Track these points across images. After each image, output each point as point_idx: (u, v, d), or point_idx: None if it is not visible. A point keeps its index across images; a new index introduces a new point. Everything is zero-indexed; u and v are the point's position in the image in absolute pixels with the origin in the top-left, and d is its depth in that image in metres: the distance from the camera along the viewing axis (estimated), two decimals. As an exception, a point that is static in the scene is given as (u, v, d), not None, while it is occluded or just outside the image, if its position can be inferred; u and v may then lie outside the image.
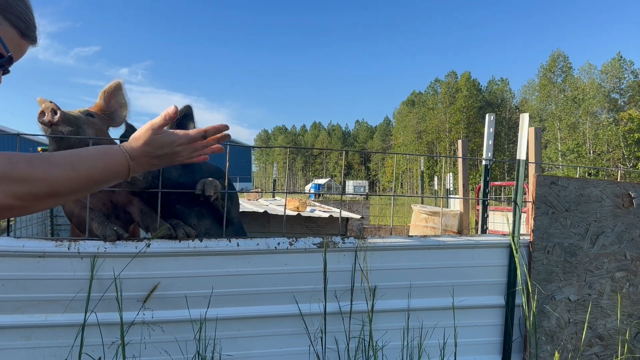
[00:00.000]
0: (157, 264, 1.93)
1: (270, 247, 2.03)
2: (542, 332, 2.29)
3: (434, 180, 12.76)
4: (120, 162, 0.94)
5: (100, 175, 0.92)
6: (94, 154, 0.92)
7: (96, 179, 0.91)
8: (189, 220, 2.32)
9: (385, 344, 2.16)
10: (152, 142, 0.99)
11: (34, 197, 0.83)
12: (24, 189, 0.81)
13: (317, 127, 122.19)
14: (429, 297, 2.21)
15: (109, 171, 0.93)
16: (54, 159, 0.85)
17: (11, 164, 0.79)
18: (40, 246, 1.81)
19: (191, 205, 2.32)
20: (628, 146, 46.94)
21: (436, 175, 14.97)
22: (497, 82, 71.40)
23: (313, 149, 2.99)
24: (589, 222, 2.34)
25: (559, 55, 55.46)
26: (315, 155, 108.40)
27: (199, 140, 1.07)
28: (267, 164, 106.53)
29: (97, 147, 0.94)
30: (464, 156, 5.68)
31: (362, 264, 2.12)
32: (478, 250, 2.26)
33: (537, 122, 52.08)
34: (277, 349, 2.07)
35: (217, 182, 2.23)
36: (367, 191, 52.10)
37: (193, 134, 1.06)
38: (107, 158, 0.93)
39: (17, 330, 1.81)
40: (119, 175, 0.95)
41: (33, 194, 0.82)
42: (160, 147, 1.00)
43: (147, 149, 0.98)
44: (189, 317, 1.95)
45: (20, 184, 0.80)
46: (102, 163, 0.91)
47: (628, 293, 2.42)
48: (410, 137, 72.70)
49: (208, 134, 1.09)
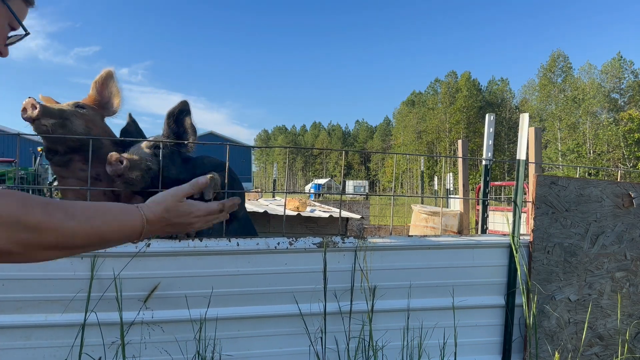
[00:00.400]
0: (157, 264, 1.93)
1: (270, 246, 2.03)
2: (542, 332, 2.29)
3: (434, 180, 12.76)
4: (136, 225, 0.91)
5: (113, 235, 0.88)
6: (112, 212, 0.88)
7: (108, 239, 0.87)
8: None
9: (385, 344, 2.16)
10: (173, 209, 0.97)
11: (39, 247, 0.78)
12: (32, 237, 0.75)
13: (317, 127, 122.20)
14: (429, 297, 2.21)
15: (122, 233, 0.89)
16: (71, 210, 0.81)
17: (26, 208, 0.73)
18: (40, 246, 1.81)
19: None
20: (628, 146, 46.94)
21: (436, 175, 14.97)
22: (497, 82, 71.40)
23: (313, 149, 3.00)
24: (589, 222, 2.34)
25: (559, 55, 55.46)
26: (315, 155, 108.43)
27: (215, 213, 1.05)
28: (267, 164, 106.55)
29: (116, 205, 0.90)
30: (464, 156, 5.68)
31: (362, 264, 2.12)
32: (478, 250, 2.26)
33: (537, 122, 52.08)
34: (277, 349, 2.07)
35: (218, 180, 2.22)
36: (367, 191, 52.10)
37: (212, 208, 1.04)
38: (123, 218, 0.89)
39: (17, 330, 1.81)
40: (131, 237, 0.92)
41: (39, 244, 0.77)
42: (178, 216, 0.98)
43: (166, 215, 0.96)
44: (189, 317, 1.95)
45: (30, 231, 0.74)
46: (118, 223, 0.88)
47: (628, 293, 2.42)
48: (410, 137, 72.70)
49: (225, 207, 1.08)
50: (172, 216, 0.96)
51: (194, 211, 1.00)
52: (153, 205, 0.94)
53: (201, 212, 1.01)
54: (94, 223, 0.83)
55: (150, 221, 0.92)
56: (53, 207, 0.77)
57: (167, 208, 0.95)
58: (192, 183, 1.02)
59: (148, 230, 0.92)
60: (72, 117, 2.14)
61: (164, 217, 0.95)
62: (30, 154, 17.24)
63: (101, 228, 0.84)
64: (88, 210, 0.84)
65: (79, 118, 2.18)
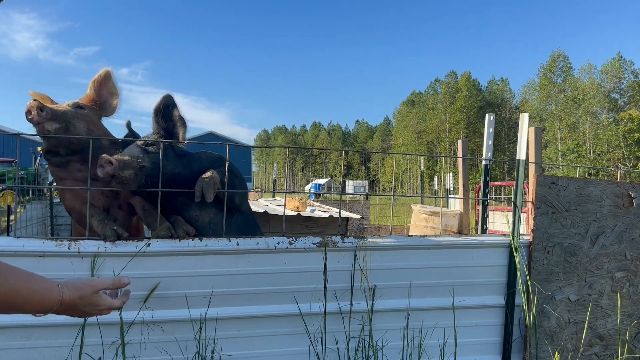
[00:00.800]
0: (157, 264, 1.93)
1: (270, 246, 2.03)
2: (542, 332, 2.29)
3: (434, 180, 12.76)
4: (53, 302, 0.98)
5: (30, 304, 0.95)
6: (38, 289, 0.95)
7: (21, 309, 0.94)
8: (191, 212, 2.29)
9: (385, 344, 2.16)
10: (86, 298, 1.04)
11: None
12: None
13: (317, 127, 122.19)
14: (429, 297, 2.21)
15: (39, 304, 0.96)
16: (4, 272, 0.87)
17: None
18: (41, 246, 1.81)
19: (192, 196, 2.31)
20: (628, 146, 46.92)
21: (436, 175, 14.97)
22: (497, 82, 71.38)
23: (313, 149, 3.00)
24: (589, 222, 2.34)
25: (559, 55, 55.44)
26: (315, 155, 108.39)
27: (116, 308, 1.14)
28: (267, 164, 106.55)
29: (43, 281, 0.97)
30: (464, 156, 5.68)
31: (361, 264, 2.12)
32: (478, 250, 2.26)
33: (537, 122, 52.06)
34: (277, 349, 2.07)
35: (217, 179, 2.21)
36: (367, 191, 52.11)
37: (115, 305, 1.13)
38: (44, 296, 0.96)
39: (17, 329, 1.81)
40: (43, 309, 0.99)
41: None
42: (86, 305, 1.05)
43: (78, 302, 1.03)
44: (189, 316, 1.95)
45: None
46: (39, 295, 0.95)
47: (628, 293, 2.42)
48: (410, 137, 72.67)
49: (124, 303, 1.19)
50: (82, 304, 1.04)
51: (100, 305, 1.09)
52: (73, 289, 1.02)
53: (105, 306, 1.11)
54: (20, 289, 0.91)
55: (64, 302, 1.00)
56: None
57: (82, 296, 1.03)
58: (115, 280, 1.13)
59: (57, 310, 1.00)
60: (73, 119, 2.13)
61: (75, 303, 1.02)
62: (30, 154, 17.25)
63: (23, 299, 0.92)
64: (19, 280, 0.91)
65: (80, 120, 2.17)
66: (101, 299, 1.09)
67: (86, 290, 1.04)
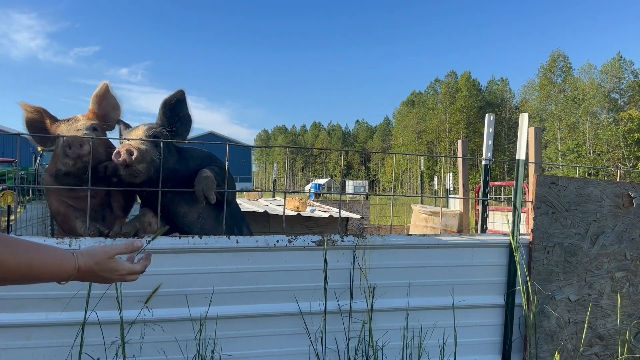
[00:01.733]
0: (156, 261, 1.93)
1: (270, 244, 2.03)
2: (542, 332, 2.29)
3: (434, 180, 12.76)
4: (69, 270, 1.01)
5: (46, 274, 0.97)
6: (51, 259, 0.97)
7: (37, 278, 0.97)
8: (179, 208, 2.30)
9: (385, 343, 2.16)
10: (102, 264, 1.07)
11: None
12: None
13: (317, 127, 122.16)
14: (429, 297, 2.21)
15: (55, 274, 0.99)
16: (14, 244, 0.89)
17: None
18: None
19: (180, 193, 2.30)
20: (628, 146, 46.92)
21: (436, 175, 14.97)
22: (497, 82, 71.35)
23: (313, 149, 3.00)
24: (589, 222, 2.35)
25: (559, 55, 55.43)
26: (315, 155, 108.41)
27: (137, 273, 1.17)
28: (267, 164, 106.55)
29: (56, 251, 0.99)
30: (464, 156, 5.68)
31: (360, 263, 2.12)
32: (478, 249, 2.26)
33: (537, 122, 52.05)
34: (277, 349, 2.07)
35: (212, 178, 2.21)
36: (367, 191, 52.10)
37: (135, 269, 1.16)
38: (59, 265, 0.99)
39: (17, 329, 1.81)
40: (58, 279, 1.01)
41: None
42: (104, 271, 1.08)
43: (95, 268, 1.06)
44: (189, 315, 1.95)
45: None
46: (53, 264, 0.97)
47: (628, 293, 2.42)
48: (410, 137, 72.65)
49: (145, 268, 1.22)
50: (100, 269, 1.07)
51: (120, 270, 1.12)
52: (87, 255, 1.05)
53: (125, 271, 1.13)
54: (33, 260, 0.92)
55: (81, 269, 1.03)
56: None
57: (98, 262, 1.06)
58: (127, 244, 1.16)
59: (76, 277, 1.03)
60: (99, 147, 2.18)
61: (92, 269, 1.05)
62: (30, 154, 17.24)
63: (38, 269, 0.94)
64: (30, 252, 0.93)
65: (100, 145, 2.20)
66: (119, 264, 1.11)
67: (100, 256, 1.07)
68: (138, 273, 1.17)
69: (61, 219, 2.34)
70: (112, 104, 2.41)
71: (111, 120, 2.43)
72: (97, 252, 1.07)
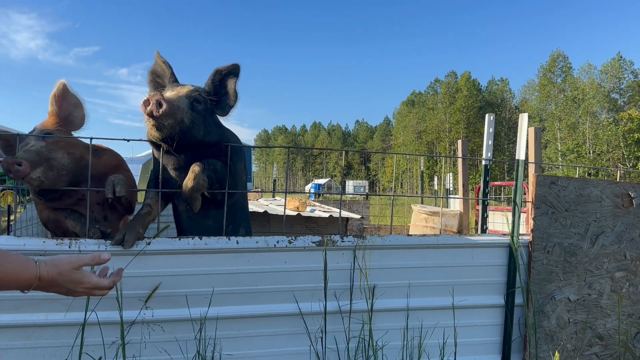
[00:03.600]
0: (156, 262, 1.93)
1: (270, 245, 2.03)
2: (542, 332, 2.29)
3: (434, 180, 12.76)
4: (29, 278, 0.98)
5: (4, 284, 0.95)
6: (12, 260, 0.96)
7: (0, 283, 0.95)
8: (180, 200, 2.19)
9: (385, 343, 2.16)
10: (66, 274, 1.04)
11: None
12: None
13: (317, 127, 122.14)
14: (429, 297, 2.21)
15: (14, 282, 0.97)
16: None
17: None
18: (41, 245, 1.81)
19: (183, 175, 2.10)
20: (628, 146, 46.92)
21: (436, 175, 14.98)
22: (497, 82, 71.36)
23: (313, 149, 3.00)
24: (589, 222, 2.35)
25: (558, 55, 55.43)
26: (315, 155, 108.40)
27: (104, 289, 1.12)
28: (267, 164, 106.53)
29: (18, 258, 0.97)
30: (463, 156, 5.69)
31: (360, 263, 2.12)
32: (477, 249, 2.26)
33: (537, 122, 52.05)
34: (277, 349, 2.07)
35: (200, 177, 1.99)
36: (367, 191, 52.08)
37: (102, 284, 1.11)
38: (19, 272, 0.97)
39: (17, 329, 1.81)
40: (18, 287, 0.99)
41: None
42: (68, 282, 1.05)
43: (57, 278, 1.03)
44: (189, 316, 1.95)
45: None
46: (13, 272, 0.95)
47: (628, 293, 2.42)
48: (410, 137, 72.64)
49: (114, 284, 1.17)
50: (63, 280, 1.04)
51: (85, 282, 1.08)
52: (50, 265, 1.02)
53: (90, 284, 1.09)
54: None
55: (43, 278, 1.00)
56: None
57: (61, 272, 1.03)
58: (94, 256, 1.12)
59: (38, 286, 1.00)
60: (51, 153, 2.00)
61: (55, 280, 1.02)
62: (30, 154, 17.20)
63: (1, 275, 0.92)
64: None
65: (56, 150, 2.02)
66: (85, 277, 1.07)
67: (64, 267, 1.04)
68: (105, 288, 1.13)
69: (52, 225, 2.27)
70: (72, 102, 2.27)
71: (75, 119, 2.28)
72: (62, 262, 1.04)
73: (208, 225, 2.27)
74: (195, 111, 2.02)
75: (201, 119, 2.05)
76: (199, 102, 2.06)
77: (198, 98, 2.06)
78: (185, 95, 2.02)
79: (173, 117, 1.88)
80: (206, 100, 2.11)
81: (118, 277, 1.19)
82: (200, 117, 2.04)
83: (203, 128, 2.06)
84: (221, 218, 2.17)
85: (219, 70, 2.18)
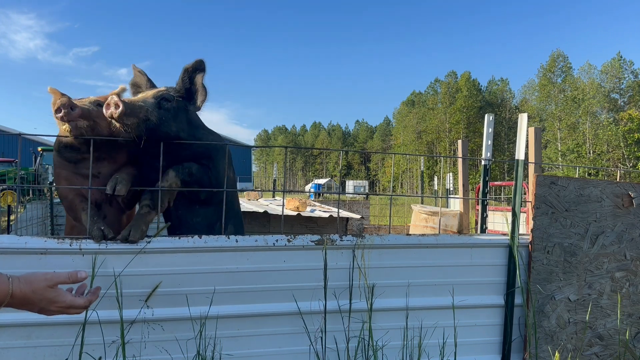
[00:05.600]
0: (156, 261, 1.93)
1: (269, 243, 2.03)
2: (542, 332, 2.30)
3: (434, 180, 12.76)
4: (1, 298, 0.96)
5: None
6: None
7: None
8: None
9: (385, 343, 2.16)
10: (40, 292, 1.01)
11: None
12: None
13: (317, 127, 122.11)
14: (428, 297, 2.21)
15: None
16: None
17: None
18: (42, 243, 1.82)
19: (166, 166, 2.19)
20: (628, 146, 46.91)
21: (436, 175, 14.97)
22: (497, 82, 71.33)
23: (313, 149, 3.00)
24: (589, 222, 2.35)
25: (558, 55, 55.41)
26: (315, 155, 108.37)
27: (79, 308, 1.09)
28: (267, 164, 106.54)
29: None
30: (463, 156, 5.69)
31: (360, 262, 2.12)
32: (477, 249, 2.26)
33: (537, 122, 52.02)
34: (277, 348, 2.07)
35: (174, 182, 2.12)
36: (367, 191, 52.04)
37: (77, 303, 1.08)
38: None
39: (17, 328, 1.81)
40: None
41: None
42: (43, 300, 1.02)
43: (31, 296, 1.00)
44: (189, 315, 1.95)
45: None
46: None
47: (628, 293, 2.42)
48: (410, 137, 72.64)
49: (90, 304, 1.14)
50: (37, 299, 1.00)
51: (59, 302, 1.04)
52: (24, 282, 0.99)
53: (65, 304, 1.06)
54: None
55: (15, 296, 0.97)
56: None
57: (35, 290, 1.00)
58: (71, 274, 1.09)
59: (9, 303, 0.97)
60: (98, 118, 2.12)
61: (28, 298, 0.99)
62: (30, 154, 17.24)
63: None
64: None
65: (103, 119, 2.14)
66: (59, 295, 1.04)
67: (39, 284, 1.00)
68: (81, 307, 1.09)
69: (67, 204, 2.32)
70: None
71: None
72: (36, 279, 1.00)
73: (196, 223, 2.33)
74: (163, 109, 2.10)
75: (170, 116, 2.13)
76: (167, 100, 2.14)
77: (166, 96, 2.15)
78: (152, 96, 2.12)
79: (135, 115, 1.96)
80: (176, 99, 2.19)
81: (94, 297, 1.15)
82: (170, 114, 2.13)
83: (174, 124, 2.14)
84: (209, 216, 2.27)
85: (186, 68, 2.26)
